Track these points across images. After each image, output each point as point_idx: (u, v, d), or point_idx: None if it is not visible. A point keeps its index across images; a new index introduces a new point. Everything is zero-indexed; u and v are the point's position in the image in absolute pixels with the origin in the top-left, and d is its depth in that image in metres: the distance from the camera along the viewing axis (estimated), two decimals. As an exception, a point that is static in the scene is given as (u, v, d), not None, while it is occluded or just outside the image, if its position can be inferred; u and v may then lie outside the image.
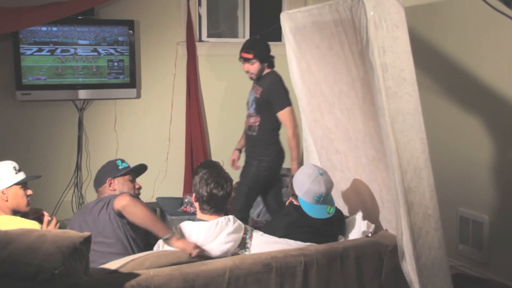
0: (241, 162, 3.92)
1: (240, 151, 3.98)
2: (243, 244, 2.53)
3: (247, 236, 2.55)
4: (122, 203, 2.39)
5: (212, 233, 2.41)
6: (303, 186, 2.57)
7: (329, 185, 2.59)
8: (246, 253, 2.53)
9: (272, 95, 3.66)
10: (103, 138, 4.55)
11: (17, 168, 2.59)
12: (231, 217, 2.49)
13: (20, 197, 2.57)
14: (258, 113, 3.73)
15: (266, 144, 3.72)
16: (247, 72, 3.71)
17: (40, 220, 2.71)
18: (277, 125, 3.74)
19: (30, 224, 2.50)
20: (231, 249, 2.45)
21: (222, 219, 2.44)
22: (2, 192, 2.54)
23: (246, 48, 3.69)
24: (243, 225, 2.53)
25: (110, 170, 2.79)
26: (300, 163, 3.25)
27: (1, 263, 1.79)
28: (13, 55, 4.11)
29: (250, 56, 3.65)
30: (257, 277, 2.27)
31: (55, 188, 4.40)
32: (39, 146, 4.37)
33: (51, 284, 1.78)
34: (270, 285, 2.30)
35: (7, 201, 2.53)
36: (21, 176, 2.59)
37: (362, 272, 2.52)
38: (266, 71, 3.73)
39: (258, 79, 3.73)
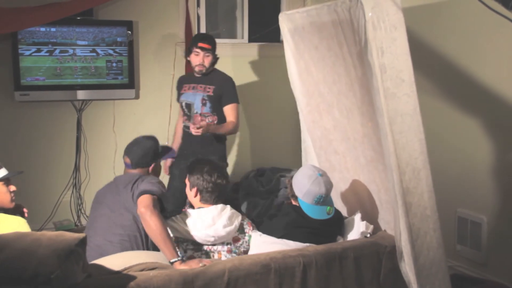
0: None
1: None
2: (241, 229, 2.68)
3: (245, 222, 2.71)
4: (141, 210, 2.38)
5: (215, 216, 2.56)
6: (303, 187, 2.58)
7: (329, 186, 2.61)
8: (246, 237, 2.67)
9: (225, 89, 3.62)
10: (101, 138, 4.54)
11: None
12: (228, 205, 2.69)
13: (3, 194, 2.54)
14: (214, 111, 3.64)
15: (221, 142, 3.70)
16: (199, 64, 3.60)
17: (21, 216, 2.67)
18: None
19: (14, 220, 2.47)
20: (232, 232, 2.59)
21: (221, 205, 2.65)
22: None
23: (205, 39, 3.62)
24: (238, 213, 2.70)
25: (154, 154, 2.84)
26: (298, 165, 3.25)
27: None
28: (12, 56, 4.10)
29: (209, 47, 3.60)
30: (256, 278, 2.27)
31: (53, 188, 4.40)
32: (37, 146, 4.36)
33: (48, 288, 1.77)
34: (269, 285, 2.30)
35: None
36: (3, 172, 2.55)
37: (361, 273, 2.53)
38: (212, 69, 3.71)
39: (204, 75, 3.65)
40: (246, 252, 2.67)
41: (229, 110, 3.63)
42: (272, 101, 5.12)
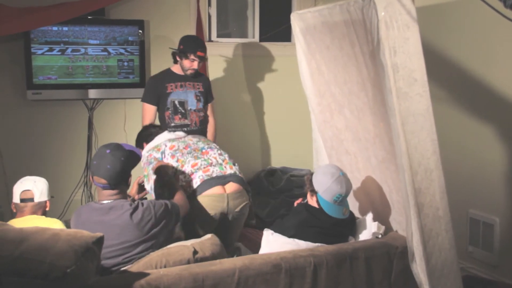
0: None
1: None
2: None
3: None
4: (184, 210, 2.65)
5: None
6: (324, 183, 2.58)
7: (349, 186, 2.62)
8: None
9: (209, 87, 3.94)
10: (113, 137, 4.54)
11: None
12: None
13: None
14: (204, 106, 3.88)
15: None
16: (190, 68, 3.72)
17: None
18: None
19: (52, 221, 2.81)
20: None
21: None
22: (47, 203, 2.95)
23: (203, 47, 3.74)
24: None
25: (133, 161, 2.57)
26: (309, 165, 3.24)
27: (14, 261, 1.80)
28: (24, 55, 4.13)
29: (204, 55, 3.75)
30: (266, 277, 2.27)
31: (64, 187, 4.42)
32: (49, 145, 4.39)
33: (62, 283, 1.79)
34: (279, 285, 2.30)
35: (48, 209, 2.96)
36: (44, 197, 2.98)
37: (371, 273, 2.51)
38: None
39: (193, 76, 3.80)
40: None
41: (211, 108, 3.96)
42: (283, 100, 5.12)
